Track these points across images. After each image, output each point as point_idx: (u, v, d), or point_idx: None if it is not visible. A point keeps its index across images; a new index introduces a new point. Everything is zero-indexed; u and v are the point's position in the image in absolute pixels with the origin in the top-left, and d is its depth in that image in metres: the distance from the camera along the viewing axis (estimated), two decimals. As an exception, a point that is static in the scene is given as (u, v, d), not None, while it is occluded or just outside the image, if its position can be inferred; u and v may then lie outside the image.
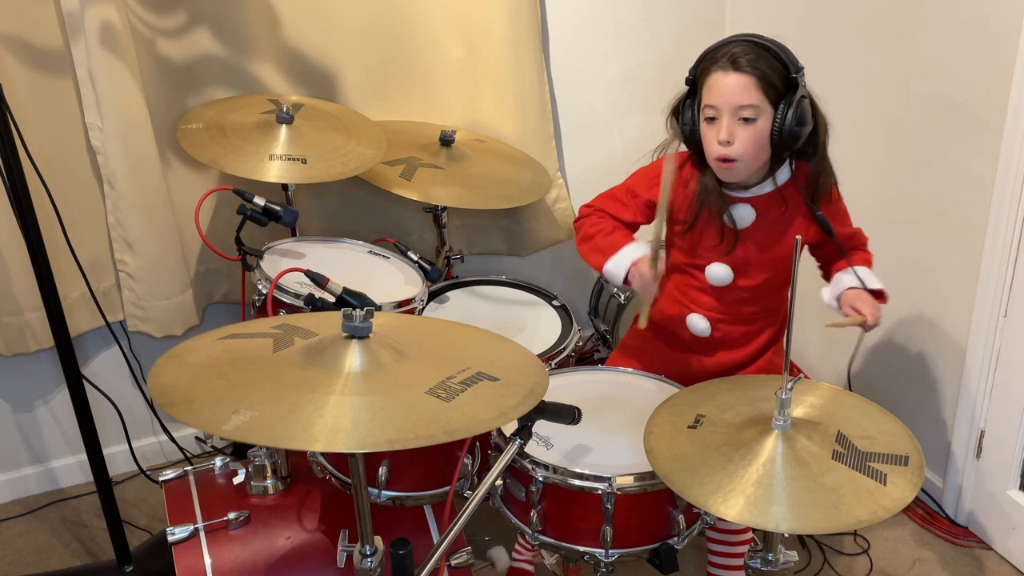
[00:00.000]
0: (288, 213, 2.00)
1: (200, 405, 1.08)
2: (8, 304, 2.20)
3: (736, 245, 1.73)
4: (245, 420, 1.03)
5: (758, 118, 1.60)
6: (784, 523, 1.16)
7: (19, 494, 2.47)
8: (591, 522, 1.44)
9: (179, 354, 1.21)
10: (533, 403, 1.18)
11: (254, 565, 1.59)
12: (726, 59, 1.59)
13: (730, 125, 1.60)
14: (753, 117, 1.59)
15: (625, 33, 2.67)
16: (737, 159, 1.62)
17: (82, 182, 2.23)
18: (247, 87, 2.29)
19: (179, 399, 1.09)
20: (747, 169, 1.66)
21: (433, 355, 1.26)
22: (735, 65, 1.58)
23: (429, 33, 2.41)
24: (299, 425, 1.04)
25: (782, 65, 1.59)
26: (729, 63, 1.58)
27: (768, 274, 1.77)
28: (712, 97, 1.61)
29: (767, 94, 1.59)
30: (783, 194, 1.72)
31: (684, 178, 1.75)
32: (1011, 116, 1.93)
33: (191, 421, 1.05)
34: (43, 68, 2.11)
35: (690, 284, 1.82)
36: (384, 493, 1.56)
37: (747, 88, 1.58)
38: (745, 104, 1.58)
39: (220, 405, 1.07)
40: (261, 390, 1.10)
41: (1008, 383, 2.09)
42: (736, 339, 1.83)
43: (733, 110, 1.59)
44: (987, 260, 2.06)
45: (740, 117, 1.60)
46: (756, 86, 1.58)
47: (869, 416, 1.36)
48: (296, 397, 1.09)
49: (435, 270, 2.08)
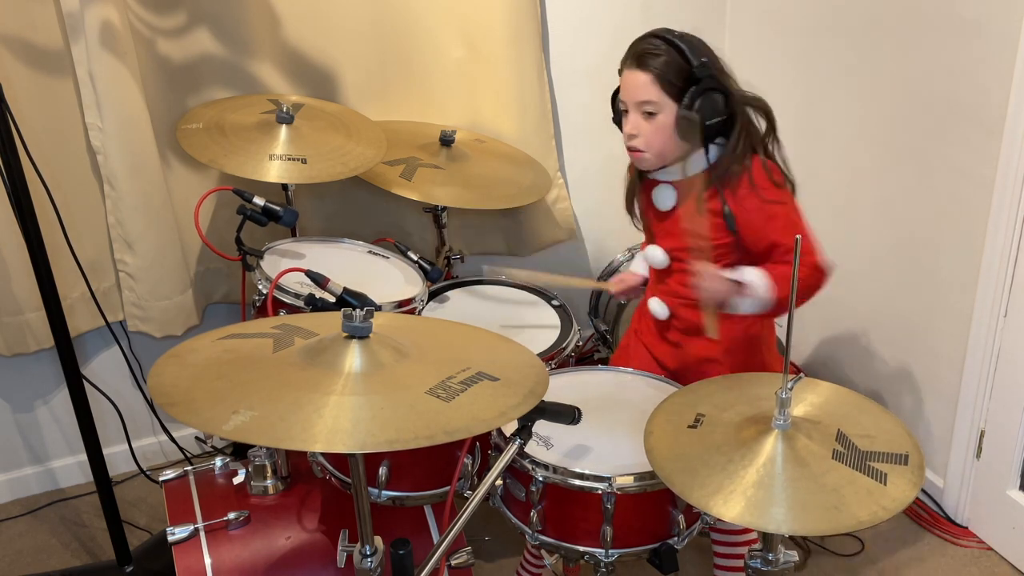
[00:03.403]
0: (288, 213, 2.00)
1: (200, 405, 1.07)
2: (8, 304, 2.20)
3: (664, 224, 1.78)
4: (245, 420, 1.03)
5: (658, 112, 1.66)
6: (785, 525, 1.16)
7: (19, 494, 2.47)
8: (591, 522, 1.44)
9: (179, 354, 1.21)
10: (533, 403, 1.18)
11: (254, 565, 1.59)
12: (632, 57, 1.68)
13: (635, 119, 1.69)
14: (654, 112, 1.66)
15: (625, 33, 2.63)
16: (644, 150, 1.70)
17: (82, 182, 2.23)
18: (247, 87, 2.29)
19: (179, 399, 1.09)
20: (658, 159, 1.71)
21: (433, 355, 1.25)
22: (638, 62, 1.66)
23: (429, 33, 2.41)
24: (299, 425, 1.03)
25: (685, 60, 1.64)
26: (634, 60, 1.67)
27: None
28: (622, 92, 1.71)
29: (666, 90, 1.64)
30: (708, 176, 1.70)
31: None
32: (1011, 116, 1.93)
33: (191, 421, 1.05)
34: (43, 68, 2.11)
35: (652, 270, 1.87)
36: (384, 493, 1.56)
37: (646, 84, 1.65)
38: (644, 100, 1.66)
39: (220, 405, 1.07)
40: (261, 390, 1.10)
41: (1008, 383, 2.09)
42: (694, 324, 1.79)
43: (636, 105, 1.67)
44: (987, 260, 2.06)
45: (643, 111, 1.67)
46: (653, 82, 1.64)
47: (869, 415, 1.36)
48: (296, 397, 1.09)
49: (435, 270, 2.08)
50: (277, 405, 1.07)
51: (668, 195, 1.76)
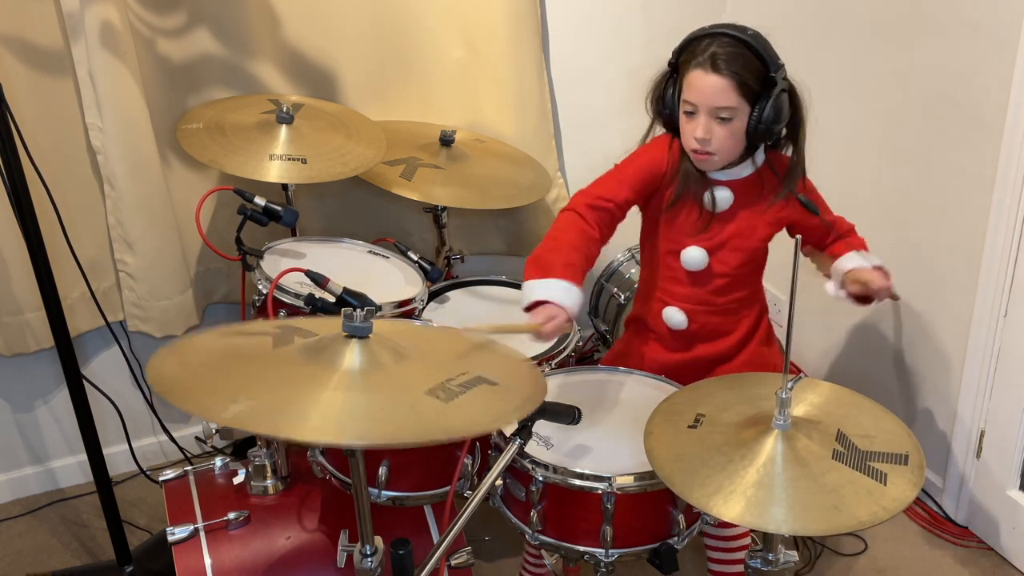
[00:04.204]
0: (288, 213, 2.00)
1: (199, 394, 1.08)
2: (8, 304, 2.20)
3: (711, 225, 1.75)
4: (243, 409, 1.03)
5: (734, 118, 1.63)
6: (785, 525, 1.16)
7: (19, 494, 2.47)
8: (591, 522, 1.44)
9: (179, 348, 1.22)
10: (532, 408, 1.18)
11: (254, 565, 1.59)
12: (706, 57, 1.61)
13: (707, 124, 1.63)
14: (730, 117, 1.62)
15: (625, 33, 2.67)
16: (715, 153, 1.66)
17: (82, 182, 2.23)
18: (247, 87, 2.29)
19: (178, 388, 1.09)
20: (723, 161, 1.70)
21: (432, 357, 1.26)
22: (714, 66, 1.60)
23: (429, 33, 2.41)
24: (296, 415, 1.04)
25: (762, 63, 1.61)
26: (709, 63, 1.61)
27: (742, 259, 1.77)
28: (691, 94, 1.64)
29: (744, 95, 1.61)
30: (761, 176, 1.75)
31: (677, 153, 1.76)
32: (1011, 116, 1.93)
33: (190, 408, 1.05)
34: (43, 68, 2.11)
35: (665, 276, 1.83)
36: (384, 493, 1.56)
37: (725, 91, 1.60)
38: (722, 106, 1.61)
39: (219, 394, 1.07)
40: (261, 381, 1.10)
41: (1008, 383, 2.09)
42: (714, 330, 1.83)
43: (710, 110, 1.62)
44: (987, 260, 2.05)
45: (718, 116, 1.63)
46: (734, 88, 1.60)
47: (869, 414, 1.36)
48: (295, 388, 1.09)
49: (435, 270, 2.08)
50: (276, 395, 1.07)
51: (726, 196, 1.74)
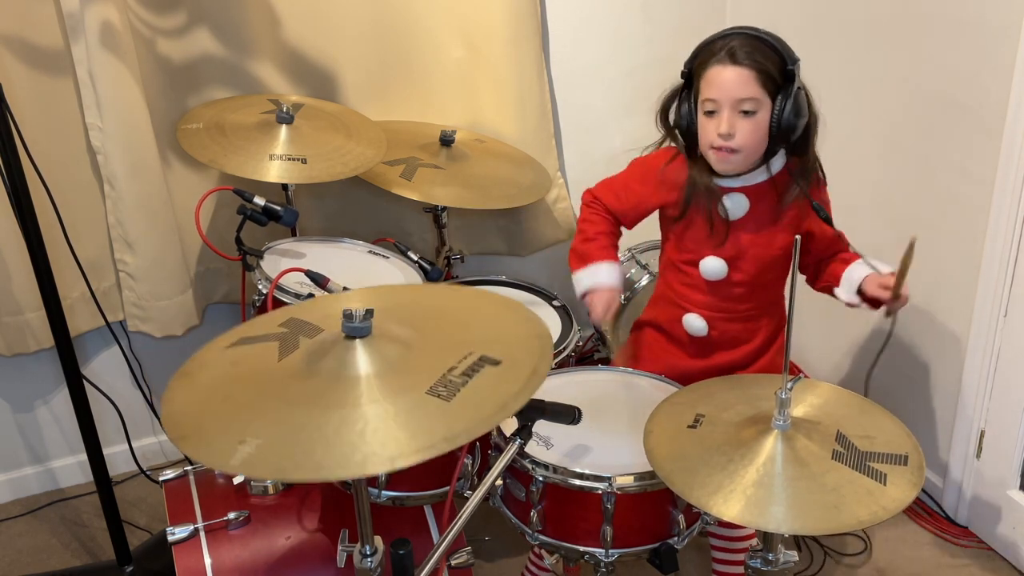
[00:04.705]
0: (288, 213, 2.00)
1: (209, 435, 1.08)
2: (8, 304, 2.20)
3: (728, 236, 1.72)
4: (251, 452, 1.03)
5: (758, 111, 1.60)
6: (784, 524, 1.16)
7: (19, 494, 2.47)
8: (591, 522, 1.44)
9: (190, 372, 1.21)
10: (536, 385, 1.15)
11: (254, 565, 1.59)
12: (724, 52, 1.60)
13: (731, 118, 1.60)
14: (753, 110, 1.60)
15: (625, 33, 2.67)
16: (739, 150, 1.63)
17: (82, 182, 2.23)
18: (247, 87, 2.29)
19: (189, 431, 1.09)
20: (746, 161, 1.67)
21: (435, 339, 1.23)
22: (733, 58, 1.59)
23: (429, 33, 2.41)
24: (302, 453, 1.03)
25: (779, 57, 1.60)
26: (727, 56, 1.59)
27: (761, 266, 1.75)
28: (711, 91, 1.62)
29: (766, 87, 1.59)
30: (776, 183, 1.72)
31: (671, 177, 1.74)
32: (1011, 116, 1.93)
33: (202, 457, 1.05)
34: (43, 68, 2.11)
35: (684, 282, 1.81)
36: (384, 493, 1.56)
37: (747, 81, 1.59)
38: (745, 97, 1.59)
39: (227, 431, 1.07)
40: (265, 415, 1.10)
41: (1008, 383, 2.09)
42: (733, 337, 1.82)
43: (733, 103, 1.60)
44: (987, 260, 2.05)
45: (740, 110, 1.60)
46: (755, 79, 1.59)
47: (868, 415, 1.36)
48: (300, 417, 1.08)
49: (435, 270, 2.08)
50: (282, 428, 1.07)
51: (741, 203, 1.71)
